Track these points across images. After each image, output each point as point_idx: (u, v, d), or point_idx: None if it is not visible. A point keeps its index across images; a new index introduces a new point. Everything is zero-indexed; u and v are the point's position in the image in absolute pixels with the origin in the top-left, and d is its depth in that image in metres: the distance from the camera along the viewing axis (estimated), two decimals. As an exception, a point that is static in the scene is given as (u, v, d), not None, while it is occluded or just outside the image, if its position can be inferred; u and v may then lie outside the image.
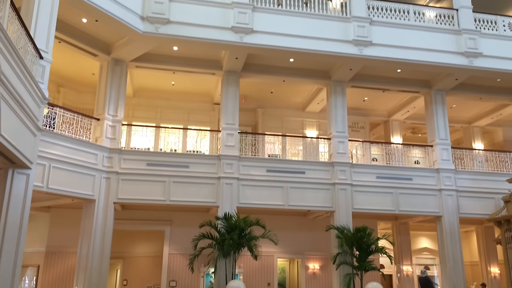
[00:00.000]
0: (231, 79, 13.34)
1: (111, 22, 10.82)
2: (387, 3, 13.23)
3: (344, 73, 13.49)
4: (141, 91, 15.61)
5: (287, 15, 12.36)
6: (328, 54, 12.40)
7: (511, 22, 14.02)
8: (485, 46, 13.23)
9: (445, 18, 13.54)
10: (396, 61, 12.75)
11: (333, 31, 12.52)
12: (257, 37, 11.99)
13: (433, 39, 13.04)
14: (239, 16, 11.92)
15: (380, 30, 12.80)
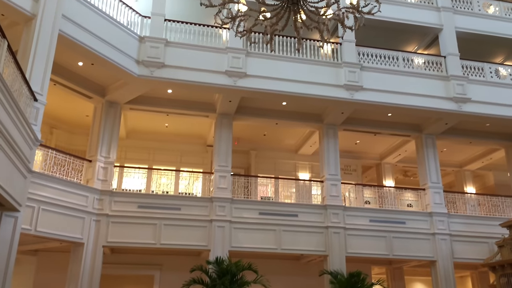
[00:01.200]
0: (225, 122, 13.45)
1: (107, 65, 11.00)
2: (376, 50, 13.60)
3: (336, 116, 13.68)
4: (134, 133, 15.65)
5: (280, 60, 12.65)
6: (320, 98, 12.62)
7: (498, 69, 14.45)
8: (473, 92, 13.55)
9: (434, 65, 13.92)
10: (386, 105, 12.99)
11: (324, 76, 12.80)
12: (250, 81, 12.22)
13: (422, 84, 13.35)
14: (233, 60, 12.18)
15: (370, 75, 13.11)
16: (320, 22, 5.89)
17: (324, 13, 5.84)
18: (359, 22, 5.90)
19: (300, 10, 5.66)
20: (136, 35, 11.82)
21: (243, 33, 6.23)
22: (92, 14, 10.61)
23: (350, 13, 5.95)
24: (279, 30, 5.98)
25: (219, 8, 6.00)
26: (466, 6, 15.03)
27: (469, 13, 14.84)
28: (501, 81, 14.18)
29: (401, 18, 14.11)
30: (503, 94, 13.80)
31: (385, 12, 12.97)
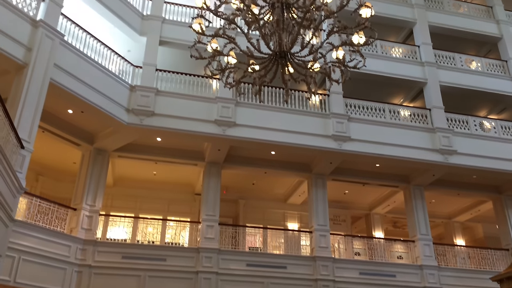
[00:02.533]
0: (213, 170, 13.40)
1: (97, 113, 11.05)
2: (363, 102, 13.88)
3: (324, 166, 13.72)
4: (122, 180, 15.48)
5: (269, 110, 12.82)
6: (309, 148, 12.70)
7: (482, 122, 14.76)
8: (459, 144, 13.75)
9: (419, 117, 14.20)
10: (374, 156, 13.09)
11: (313, 126, 12.95)
12: (239, 130, 12.31)
13: (409, 136, 13.54)
14: (222, 110, 12.32)
15: (358, 126, 13.29)
16: (307, 75, 6.03)
17: (311, 67, 6.00)
18: (345, 76, 6.05)
19: (287, 63, 5.80)
20: (127, 84, 11.97)
21: (232, 84, 6.34)
22: (84, 63, 10.78)
23: (337, 67, 6.11)
24: (267, 82, 6.10)
25: (208, 60, 6.14)
26: (449, 61, 15.56)
27: (452, 68, 15.33)
28: (486, 134, 14.44)
29: (387, 72, 14.52)
30: (488, 146, 14.02)
31: (372, 66, 13.51)
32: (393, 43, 15.52)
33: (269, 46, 5.72)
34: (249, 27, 5.78)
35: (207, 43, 6.01)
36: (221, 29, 5.87)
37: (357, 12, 5.58)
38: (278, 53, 5.66)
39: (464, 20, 16.43)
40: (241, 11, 5.77)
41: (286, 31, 5.58)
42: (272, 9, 5.64)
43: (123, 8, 12.61)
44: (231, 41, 5.90)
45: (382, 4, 15.39)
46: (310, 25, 5.59)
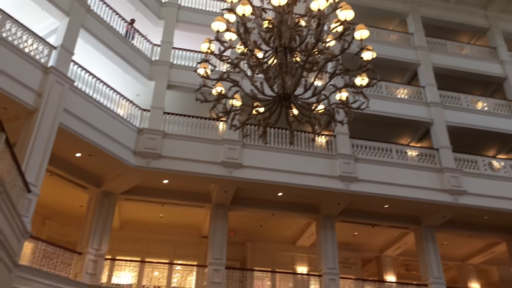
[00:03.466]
0: (220, 212, 13.30)
1: (105, 156, 11.15)
2: (370, 142, 13.86)
3: (332, 207, 13.56)
4: (128, 223, 15.38)
5: (275, 151, 12.83)
6: (316, 189, 12.60)
7: (491, 162, 14.62)
8: (468, 184, 13.56)
9: (427, 157, 14.10)
10: (382, 196, 12.93)
11: (319, 167, 12.90)
12: (246, 171, 12.29)
13: (417, 176, 13.41)
14: (228, 151, 12.36)
15: (365, 166, 13.22)
16: (311, 116, 6.07)
17: (315, 108, 6.04)
18: (349, 117, 6.08)
19: (291, 105, 5.86)
20: (135, 127, 12.12)
21: (237, 126, 6.39)
22: (93, 108, 10.98)
23: (341, 108, 6.15)
24: (272, 123, 6.14)
25: (214, 103, 6.22)
26: (454, 101, 15.61)
27: (458, 108, 15.37)
28: (495, 173, 14.27)
29: (393, 112, 14.58)
30: (498, 186, 13.81)
31: (377, 106, 13.59)
32: (398, 84, 15.67)
33: (273, 89, 5.79)
34: (253, 71, 5.88)
35: (212, 87, 6.12)
36: (225, 72, 5.98)
37: (359, 55, 5.67)
38: (282, 95, 5.72)
39: (468, 61, 16.62)
40: (245, 55, 5.90)
41: (289, 74, 5.66)
42: (275, 53, 5.75)
43: (132, 54, 12.96)
44: (236, 85, 5.99)
45: (386, 47, 15.66)
46: (313, 68, 5.68)
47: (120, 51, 12.55)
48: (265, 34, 5.86)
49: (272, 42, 5.81)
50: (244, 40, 5.68)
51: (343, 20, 5.38)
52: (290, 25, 5.71)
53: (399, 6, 17.25)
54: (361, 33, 5.47)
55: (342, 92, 6.17)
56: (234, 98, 6.30)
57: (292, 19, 5.78)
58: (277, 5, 5.32)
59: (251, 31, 5.81)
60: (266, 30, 5.92)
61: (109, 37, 12.31)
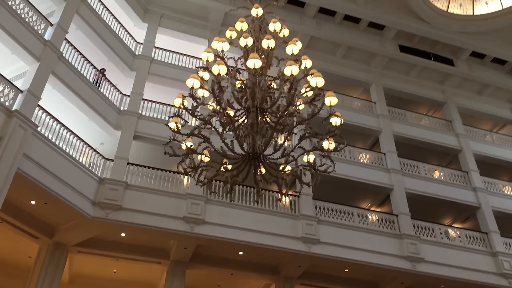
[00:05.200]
0: (178, 270, 12.83)
1: (61, 205, 10.70)
2: (333, 205, 14.00)
3: (293, 269, 13.37)
4: (79, 278, 14.52)
5: (239, 209, 12.72)
6: (278, 249, 12.44)
7: (447, 231, 15.00)
8: (426, 252, 13.78)
9: (387, 222, 14.32)
10: (343, 260, 12.89)
11: (282, 227, 12.82)
12: (208, 228, 12.06)
13: (377, 241, 13.53)
14: (192, 207, 12.15)
15: (327, 229, 13.25)
16: (279, 177, 6.13)
17: (283, 169, 6.12)
18: (315, 179, 6.18)
19: (260, 164, 5.92)
20: (97, 176, 11.80)
21: (204, 182, 6.34)
22: (55, 154, 10.67)
23: (307, 170, 6.26)
24: (239, 181, 6.15)
25: (182, 158, 6.20)
26: (413, 169, 16.17)
27: (416, 176, 15.90)
28: (451, 242, 14.60)
29: (355, 176, 14.89)
30: (454, 255, 14.10)
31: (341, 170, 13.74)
32: (360, 149, 16.16)
33: (242, 147, 5.87)
34: (224, 128, 5.97)
35: (182, 141, 6.12)
36: (196, 128, 6.03)
37: (328, 120, 5.87)
38: (251, 154, 5.80)
39: (426, 131, 17.45)
40: (217, 113, 6.00)
41: (259, 134, 5.77)
42: (247, 113, 5.88)
43: (100, 103, 12.88)
44: (206, 141, 6.03)
45: (351, 113, 16.27)
46: (283, 130, 5.82)
47: (88, 99, 12.46)
48: (238, 94, 6.01)
49: (244, 102, 5.96)
50: (218, 98, 5.79)
51: (314, 86, 5.62)
52: (263, 87, 5.90)
53: (364, 75, 18.18)
54: (330, 99, 5.69)
55: (309, 155, 6.32)
56: (203, 154, 6.31)
57: (265, 81, 5.99)
58: (252, 68, 5.50)
59: (225, 90, 5.95)
60: (239, 90, 6.08)
61: (79, 85, 12.25)
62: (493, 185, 17.02)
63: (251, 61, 5.55)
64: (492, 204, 16.06)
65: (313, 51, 17.23)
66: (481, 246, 14.84)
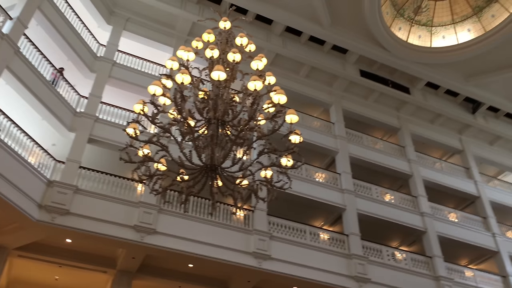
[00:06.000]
0: (123, 280, 12.45)
1: (3, 205, 10.16)
2: (286, 221, 14.08)
3: (242, 284, 13.30)
4: (17, 283, 13.78)
5: (192, 221, 12.54)
6: (228, 263, 12.33)
7: (394, 253, 15.41)
8: (373, 273, 14.07)
9: (338, 242, 14.55)
10: (292, 277, 12.93)
11: (235, 241, 12.74)
12: (159, 238, 11.80)
13: (327, 260, 13.69)
14: (143, 215, 11.87)
15: (279, 245, 13.29)
16: (235, 190, 6.11)
17: (239, 183, 6.11)
18: (271, 195, 6.21)
19: (217, 177, 5.88)
20: (45, 178, 11.32)
21: (158, 191, 6.22)
22: (1, 152, 10.15)
23: (264, 186, 6.28)
24: (195, 192, 6.08)
25: (138, 165, 6.06)
26: (366, 191, 16.57)
27: (369, 198, 16.29)
28: (397, 264, 15.00)
29: (310, 194, 15.07)
30: (399, 277, 14.48)
31: (297, 187, 14.03)
32: (317, 168, 16.40)
33: (201, 158, 5.82)
34: (183, 138, 5.90)
35: (139, 148, 6.01)
36: (155, 136, 5.94)
37: (287, 137, 5.93)
38: (209, 166, 5.76)
39: (380, 155, 17.96)
40: (177, 122, 5.93)
41: (219, 146, 5.75)
42: (208, 124, 5.85)
43: (56, 102, 12.45)
44: (164, 149, 5.94)
45: (310, 132, 16.54)
46: (242, 144, 5.83)
47: (43, 97, 12.01)
48: (200, 104, 5.98)
49: (206, 113, 5.93)
50: (179, 107, 5.74)
51: (276, 102, 5.68)
52: (226, 100, 5.91)
53: (325, 96, 18.57)
54: (291, 117, 5.77)
55: (267, 170, 6.35)
56: (159, 162, 6.20)
57: (228, 94, 5.99)
58: (216, 79, 5.50)
59: (187, 99, 5.91)
60: (201, 101, 6.05)
61: (34, 82, 11.80)
62: (439, 211, 17.70)
63: (216, 73, 5.56)
64: (437, 230, 16.68)
65: (277, 68, 17.48)
66: (425, 270, 15.32)
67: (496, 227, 18.17)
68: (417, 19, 18.23)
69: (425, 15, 18.20)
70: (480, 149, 21.24)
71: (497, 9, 17.31)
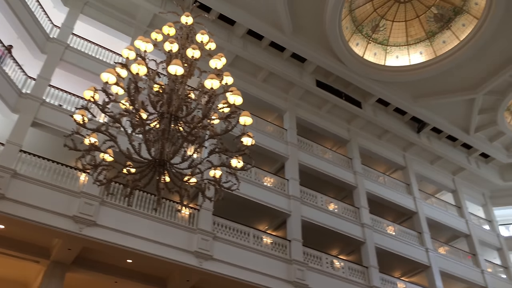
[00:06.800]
0: (56, 271, 11.96)
1: None
2: (231, 223, 14.09)
3: (180, 283, 13.13)
4: None
5: (135, 215, 12.27)
6: (168, 261, 12.15)
7: (333, 261, 15.80)
8: (311, 279, 14.35)
9: (280, 246, 14.72)
10: (232, 279, 12.93)
11: (177, 239, 12.58)
12: (99, 231, 11.45)
13: (268, 264, 13.81)
14: (84, 206, 11.48)
15: (222, 246, 13.26)
16: (182, 187, 6.05)
17: (187, 180, 6.06)
18: (218, 195, 6.21)
19: (165, 172, 5.80)
20: (-20, 159, 10.71)
21: (102, 182, 6.05)
22: None
23: (212, 185, 6.26)
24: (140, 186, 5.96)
25: (83, 153, 5.87)
26: (311, 199, 16.90)
27: (314, 206, 16.60)
28: (335, 272, 15.39)
29: (257, 198, 15.16)
30: (337, 285, 14.86)
31: (245, 190, 14.09)
32: (266, 173, 16.53)
33: (150, 152, 5.72)
34: (133, 130, 5.78)
35: (86, 136, 5.82)
36: (104, 125, 5.77)
37: (239, 139, 5.95)
38: (157, 160, 5.67)
39: (328, 165, 18.38)
40: (129, 113, 5.80)
41: (170, 142, 5.68)
42: (160, 118, 5.76)
43: (1, 81, 11.81)
44: (112, 139, 5.79)
45: (263, 136, 16.66)
46: (194, 141, 5.79)
47: (-14, 74, 11.38)
48: (154, 97, 5.88)
49: (160, 106, 5.84)
50: (132, 98, 5.62)
51: (232, 103, 5.69)
52: (181, 95, 5.84)
53: (280, 102, 18.77)
54: (245, 119, 5.80)
55: (216, 170, 6.34)
56: (106, 153, 6.04)
57: (183, 90, 5.93)
58: (173, 74, 5.43)
59: (141, 91, 5.80)
60: (156, 94, 5.96)
61: (-22, 56, 11.15)
62: (379, 223, 18.36)
63: (173, 67, 5.50)
64: (376, 241, 17.27)
65: (236, 70, 17.49)
66: (360, 279, 15.81)
67: (430, 243, 19.08)
68: (374, 37, 18.86)
69: (382, 34, 18.87)
70: (421, 167, 22.25)
71: (448, 36, 18.24)
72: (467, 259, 20.40)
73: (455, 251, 20.34)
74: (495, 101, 20.29)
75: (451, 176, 23.24)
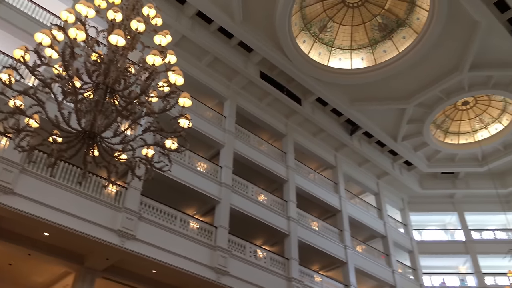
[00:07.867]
0: (-37, 239, 11.14)
1: None
2: (158, 204, 13.86)
3: (99, 261, 12.79)
4: None
5: (58, 187, 11.69)
6: (88, 237, 11.74)
7: (256, 251, 16.10)
8: (233, 266, 14.54)
9: (206, 232, 14.73)
10: (154, 261, 12.78)
11: (100, 216, 12.17)
12: (15, 199, 10.80)
13: (192, 249, 13.80)
14: (2, 173, 10.76)
15: (147, 227, 13.03)
16: (111, 163, 5.85)
17: (117, 156, 5.86)
18: (148, 174, 6.07)
19: (94, 145, 5.56)
20: None
21: (25, 148, 5.69)
22: None
23: (143, 164, 6.11)
24: (66, 157, 5.68)
25: (6, 115, 5.48)
26: (242, 188, 17.06)
27: (244, 195, 16.78)
28: (257, 262, 15.69)
29: (188, 182, 15.03)
30: (258, 274, 15.20)
31: (177, 172, 13.91)
32: (200, 158, 16.41)
33: (80, 123, 5.45)
34: (64, 97, 5.47)
35: (11, 98, 5.43)
36: (32, 88, 5.42)
37: (176, 120, 5.84)
38: (87, 132, 5.42)
39: (263, 157, 18.63)
40: (61, 79, 5.48)
41: (103, 114, 5.44)
42: (95, 89, 5.51)
43: None
44: (40, 105, 5.45)
45: (201, 121, 16.51)
46: (129, 117, 5.60)
47: None
48: (90, 66, 5.60)
49: (96, 77, 5.58)
50: (67, 64, 5.31)
51: (173, 83, 5.56)
52: (120, 68, 5.61)
53: (222, 89, 18.67)
54: (185, 100, 5.71)
55: (149, 149, 6.19)
56: (32, 118, 5.68)
57: (123, 63, 5.70)
58: (114, 44, 5.20)
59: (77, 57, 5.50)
60: (93, 63, 5.68)
61: None
62: (304, 217, 18.94)
63: (115, 37, 5.28)
64: (299, 234, 17.82)
65: (181, 50, 17.12)
66: (281, 270, 16.26)
67: (349, 240, 20.01)
68: (321, 37, 19.26)
69: (328, 35, 19.32)
70: (350, 168, 23.22)
71: (389, 46, 19.06)
72: (380, 258, 21.67)
73: (371, 250, 21.52)
74: (423, 113, 21.57)
75: (375, 179, 24.48)
